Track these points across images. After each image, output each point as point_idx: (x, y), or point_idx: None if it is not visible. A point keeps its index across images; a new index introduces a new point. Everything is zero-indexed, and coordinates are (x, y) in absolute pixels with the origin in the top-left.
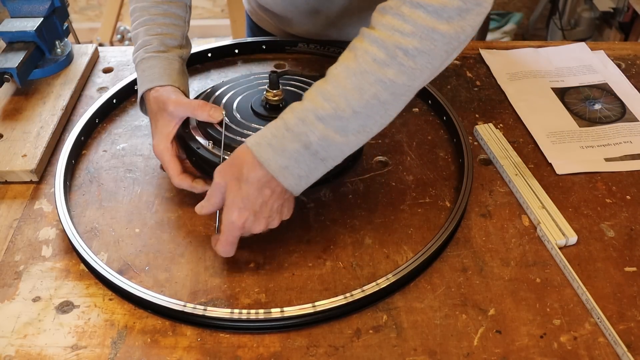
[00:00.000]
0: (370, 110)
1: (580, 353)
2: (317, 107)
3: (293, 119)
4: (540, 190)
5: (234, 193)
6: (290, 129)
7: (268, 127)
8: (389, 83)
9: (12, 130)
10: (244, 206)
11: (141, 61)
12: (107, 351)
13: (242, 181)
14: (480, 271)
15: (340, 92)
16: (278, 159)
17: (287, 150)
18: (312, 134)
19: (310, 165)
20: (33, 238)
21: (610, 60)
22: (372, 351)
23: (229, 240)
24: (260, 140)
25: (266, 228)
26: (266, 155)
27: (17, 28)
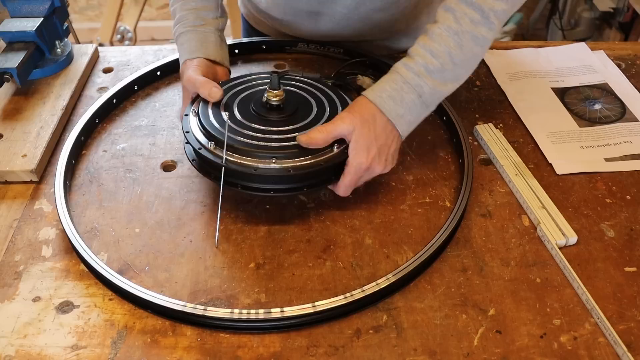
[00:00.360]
0: (466, 62)
1: (580, 353)
2: (427, 62)
3: (409, 73)
4: (540, 190)
5: (364, 136)
6: (407, 82)
7: (385, 81)
8: (482, 39)
9: (12, 130)
10: (371, 146)
11: (179, 35)
12: (107, 351)
13: (370, 123)
14: (480, 271)
15: (445, 49)
16: (398, 108)
17: (405, 100)
18: (425, 86)
19: (419, 111)
20: (33, 238)
21: (610, 60)
22: (372, 351)
23: (353, 181)
24: (382, 93)
25: (384, 170)
26: (387, 106)
27: (17, 28)
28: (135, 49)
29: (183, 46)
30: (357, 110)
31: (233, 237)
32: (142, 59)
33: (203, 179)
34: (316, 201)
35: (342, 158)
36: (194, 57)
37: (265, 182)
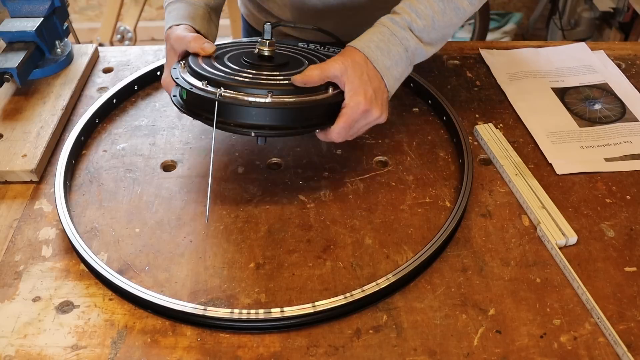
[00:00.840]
0: (445, 28)
1: (580, 353)
2: (412, 20)
3: (395, 27)
4: (540, 190)
5: (357, 76)
6: (394, 34)
7: (371, 33)
8: (462, 11)
9: (12, 130)
10: (367, 87)
11: (169, 4)
12: (107, 351)
13: (362, 66)
14: (480, 271)
15: (429, 12)
16: (385, 60)
17: (392, 52)
18: (411, 40)
19: (404, 67)
20: (33, 238)
21: (610, 60)
22: (372, 351)
23: (348, 123)
24: (369, 43)
25: (381, 116)
26: (375, 56)
27: (17, 28)
28: (135, 49)
29: (171, 14)
30: (347, 54)
31: (233, 237)
32: (142, 59)
33: (203, 178)
34: (316, 201)
35: (338, 99)
36: (180, 23)
37: (260, 119)
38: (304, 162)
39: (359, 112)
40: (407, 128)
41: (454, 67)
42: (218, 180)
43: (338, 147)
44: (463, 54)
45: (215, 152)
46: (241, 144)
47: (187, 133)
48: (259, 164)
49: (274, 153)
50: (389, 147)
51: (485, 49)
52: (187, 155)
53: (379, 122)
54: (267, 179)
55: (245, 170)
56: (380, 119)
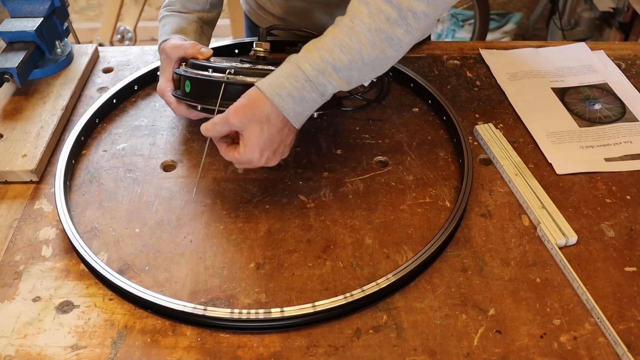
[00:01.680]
0: (376, 63)
1: (580, 353)
2: (335, 58)
3: (313, 71)
4: (540, 190)
5: (256, 135)
6: (310, 80)
7: (285, 76)
8: (397, 41)
9: (12, 130)
10: (266, 147)
11: (162, 18)
12: (107, 351)
13: (264, 124)
14: (480, 271)
15: (357, 46)
16: (297, 107)
17: (305, 99)
18: (329, 85)
19: (317, 105)
20: (33, 238)
21: (610, 60)
22: (372, 351)
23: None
24: (280, 91)
25: (276, 162)
26: (287, 106)
27: (17, 28)
28: (135, 49)
29: (164, 28)
30: (249, 107)
31: (233, 237)
32: (142, 59)
33: (203, 178)
34: (316, 201)
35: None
36: (173, 37)
37: None
38: (304, 162)
39: (248, 162)
40: (407, 128)
41: (454, 67)
42: (218, 180)
43: (338, 147)
44: (463, 54)
45: (215, 152)
46: None
47: (187, 133)
48: None
49: None
50: (389, 147)
51: (485, 49)
52: (187, 155)
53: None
54: (267, 179)
55: (245, 170)
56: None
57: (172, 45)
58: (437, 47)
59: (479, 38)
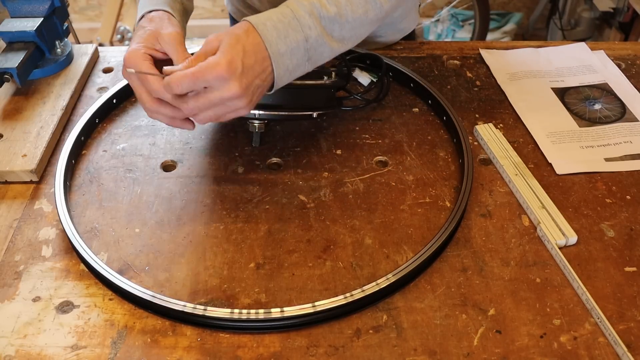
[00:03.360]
0: (357, 23)
1: (580, 353)
2: (322, 7)
3: (301, 11)
4: (540, 190)
5: (229, 45)
6: (298, 18)
7: (273, 11)
8: (379, 5)
9: (12, 130)
10: (235, 57)
11: None
12: (107, 351)
13: (241, 39)
14: (480, 271)
15: (343, 1)
16: (280, 44)
17: (289, 38)
18: (314, 29)
19: (299, 60)
20: (33, 238)
21: (610, 60)
22: (372, 351)
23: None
24: (266, 21)
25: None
26: (270, 37)
27: (17, 28)
28: None
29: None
30: (231, 32)
31: (233, 237)
32: None
33: (203, 178)
34: (316, 201)
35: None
36: (167, 9)
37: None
38: (304, 162)
39: (214, 74)
40: (407, 128)
41: (454, 67)
42: (218, 180)
43: (338, 147)
44: (463, 54)
45: (215, 152)
46: (241, 144)
47: (187, 133)
48: (259, 164)
49: (274, 153)
50: (389, 147)
51: (485, 49)
52: (187, 155)
53: (238, 107)
54: (267, 179)
55: (245, 170)
56: (238, 102)
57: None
58: (437, 47)
59: (479, 38)
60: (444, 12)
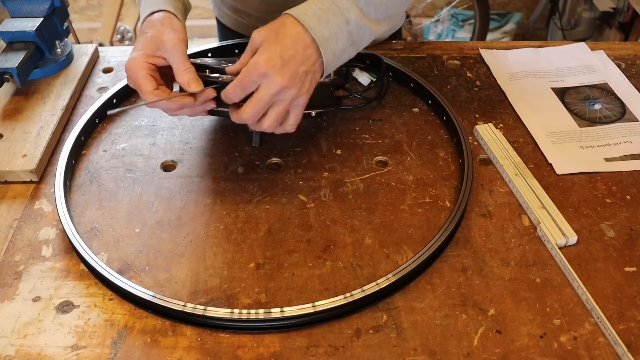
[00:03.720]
0: (391, 4)
1: (580, 353)
2: None
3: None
4: (540, 190)
5: (269, 40)
6: (335, 3)
7: (311, 1)
8: None
9: (12, 130)
10: (273, 52)
11: None
12: (107, 351)
13: (279, 33)
14: (480, 271)
15: None
16: (323, 29)
17: (331, 22)
18: (352, 12)
19: (344, 43)
20: (33, 238)
21: (610, 60)
22: (372, 351)
23: (242, 82)
24: (306, 10)
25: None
26: (312, 24)
27: (17, 28)
28: None
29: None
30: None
31: (233, 237)
32: None
33: (203, 178)
34: (316, 201)
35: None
36: (170, 10)
37: None
38: (304, 162)
39: (256, 73)
40: (407, 128)
41: (454, 67)
42: (218, 180)
43: (338, 147)
44: (463, 54)
45: (215, 152)
46: (241, 144)
47: (187, 133)
48: (259, 164)
49: (274, 153)
50: (389, 147)
51: (485, 49)
52: (187, 155)
53: (292, 97)
54: (267, 179)
55: (245, 170)
56: (288, 92)
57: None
58: (437, 47)
59: (479, 38)
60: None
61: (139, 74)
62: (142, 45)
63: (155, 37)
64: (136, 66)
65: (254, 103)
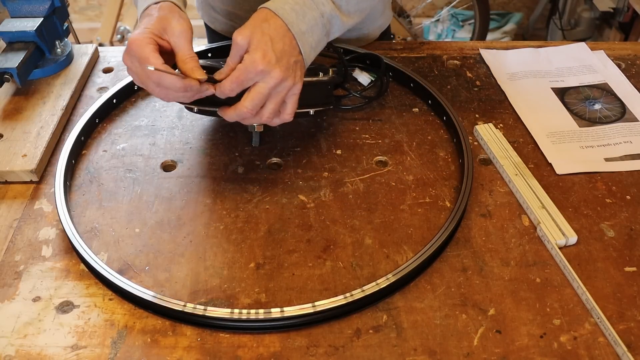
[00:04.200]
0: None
1: (580, 353)
2: None
3: None
4: (540, 190)
5: (258, 38)
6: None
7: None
8: None
9: (12, 130)
10: (266, 48)
11: None
12: (107, 351)
13: (265, 28)
14: (480, 271)
15: None
16: (300, 24)
17: (307, 16)
18: (327, 5)
19: (319, 35)
20: (33, 238)
21: (610, 60)
22: (372, 351)
23: (239, 78)
24: (284, 5)
25: (285, 79)
26: (290, 18)
27: (17, 28)
28: None
29: None
30: (253, 22)
31: (233, 237)
32: None
33: (203, 178)
34: (316, 201)
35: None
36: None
37: None
38: (304, 162)
39: (254, 71)
40: (407, 128)
41: (454, 67)
42: (218, 180)
43: (338, 147)
44: (463, 54)
45: (215, 152)
46: (241, 144)
47: (187, 133)
48: (259, 164)
49: (274, 153)
50: (389, 147)
51: (485, 49)
52: (187, 155)
53: (288, 87)
54: (267, 179)
55: (245, 170)
56: (285, 84)
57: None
58: (437, 47)
59: (479, 38)
60: (444, 12)
61: (146, 49)
62: (150, 24)
63: (163, 19)
64: (143, 41)
65: (253, 97)
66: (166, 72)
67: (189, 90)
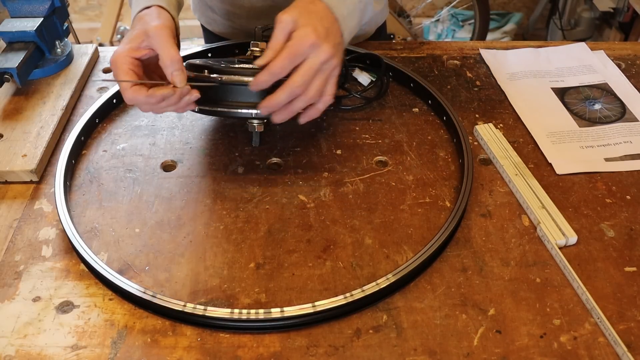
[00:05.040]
0: None
1: (580, 353)
2: None
3: None
4: (540, 190)
5: (305, 16)
6: None
7: None
8: None
9: (12, 130)
10: (316, 24)
11: None
12: (107, 351)
13: (311, 9)
14: (480, 271)
15: None
16: (342, 7)
17: (347, 1)
18: None
19: (356, 20)
20: (33, 238)
21: (610, 60)
22: (372, 351)
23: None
24: None
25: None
26: (333, 2)
27: (17, 28)
28: None
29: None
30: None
31: (233, 237)
32: None
33: (203, 178)
34: (316, 201)
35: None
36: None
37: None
38: (304, 162)
39: (307, 44)
40: (407, 128)
41: (454, 67)
42: (218, 180)
43: (338, 147)
44: (463, 54)
45: (215, 152)
46: (241, 144)
47: (187, 133)
48: (259, 164)
49: (274, 153)
50: (389, 147)
51: (485, 49)
52: (187, 155)
53: (334, 66)
54: (267, 179)
55: (245, 170)
56: (332, 61)
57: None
58: (437, 47)
59: (479, 38)
60: (444, 12)
61: (120, 69)
62: (129, 39)
63: (142, 30)
64: (119, 60)
65: (305, 71)
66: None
67: (165, 99)
